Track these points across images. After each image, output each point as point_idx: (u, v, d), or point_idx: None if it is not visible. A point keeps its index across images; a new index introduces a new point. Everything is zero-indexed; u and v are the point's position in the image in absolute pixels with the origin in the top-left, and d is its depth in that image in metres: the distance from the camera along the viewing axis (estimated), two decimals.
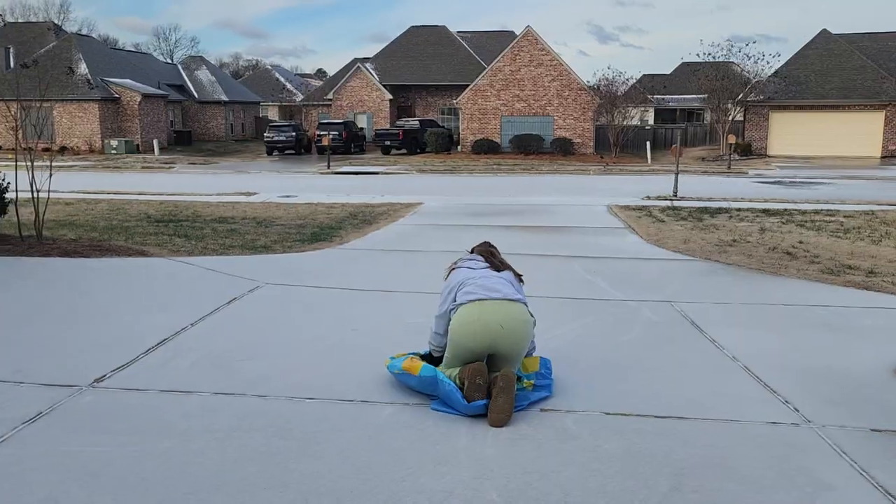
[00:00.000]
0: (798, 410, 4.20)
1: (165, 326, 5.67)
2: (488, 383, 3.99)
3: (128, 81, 41.75)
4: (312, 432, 3.82)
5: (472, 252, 4.63)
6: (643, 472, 3.43)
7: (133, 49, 68.52)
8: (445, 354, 4.34)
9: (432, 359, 4.52)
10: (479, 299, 4.16)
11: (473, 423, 3.95)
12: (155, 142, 39.03)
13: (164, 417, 3.98)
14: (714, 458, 3.58)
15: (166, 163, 32.66)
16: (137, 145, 39.97)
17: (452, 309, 4.26)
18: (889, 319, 6.19)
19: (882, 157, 35.05)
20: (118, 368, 4.73)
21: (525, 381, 4.26)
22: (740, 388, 4.58)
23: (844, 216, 13.51)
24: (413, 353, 4.63)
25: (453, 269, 4.49)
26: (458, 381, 4.11)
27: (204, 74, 53.40)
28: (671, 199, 16.65)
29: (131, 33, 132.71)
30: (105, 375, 4.60)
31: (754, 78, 38.48)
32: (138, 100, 40.41)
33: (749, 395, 4.46)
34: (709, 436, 3.85)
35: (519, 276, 4.51)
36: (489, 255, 4.51)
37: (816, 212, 14.21)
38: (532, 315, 4.32)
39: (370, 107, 45.37)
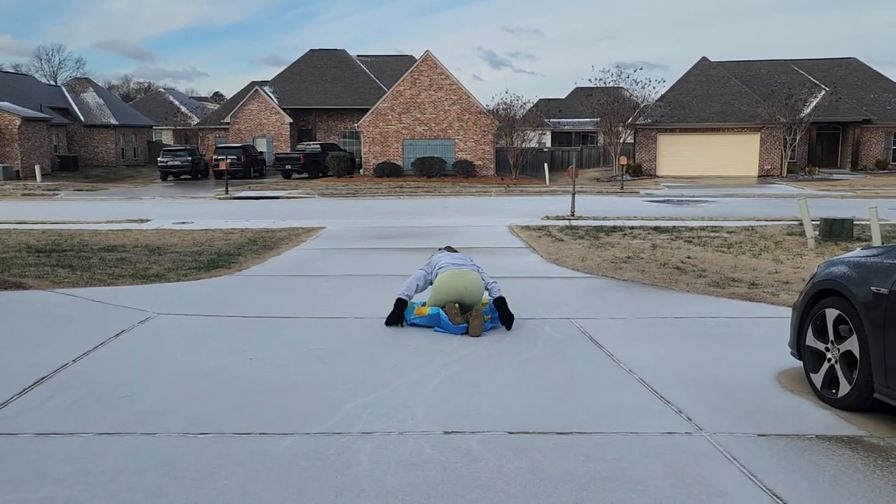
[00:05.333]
0: (691, 419, 4.36)
1: (44, 364, 5.28)
2: (461, 314, 6.43)
3: (6, 104, 39.22)
4: (208, 469, 3.63)
5: (441, 249, 7.50)
6: (546, 490, 3.45)
7: (12, 70, 64.55)
8: (430, 301, 6.65)
9: (404, 304, 6.69)
10: (453, 270, 6.70)
11: (376, 449, 3.87)
12: (37, 167, 36.76)
13: (40, 463, 3.68)
14: (614, 471, 3.65)
15: (50, 189, 30.81)
16: (17, 171, 37.51)
17: (435, 275, 6.77)
18: (771, 328, 6.56)
19: (759, 176, 37.50)
20: None
21: (486, 316, 6.55)
22: (637, 400, 4.71)
23: (727, 232, 14.31)
24: (417, 304, 6.76)
25: (434, 255, 7.21)
26: (444, 313, 6.40)
27: (91, 97, 50.82)
28: (569, 219, 17.17)
29: (8, 54, 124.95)
30: None
31: (642, 102, 40.46)
32: (18, 123, 37.99)
33: (645, 406, 4.60)
34: (609, 449, 3.92)
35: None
36: (451, 249, 7.43)
37: (702, 228, 14.99)
38: (484, 278, 6.79)
39: (270, 130, 44.55)
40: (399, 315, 6.62)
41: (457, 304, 6.42)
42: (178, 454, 3.80)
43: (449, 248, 7.45)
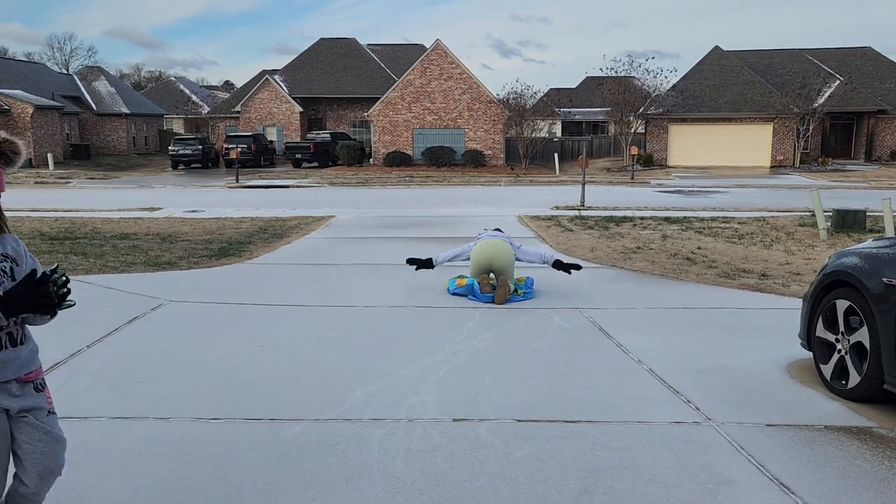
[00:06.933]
0: (699, 409, 4.37)
1: (58, 349, 5.35)
2: (493, 283, 7.26)
3: (19, 92, 39.45)
4: (219, 454, 3.68)
5: (486, 230, 8.37)
6: (554, 477, 3.47)
7: (24, 58, 64.80)
8: (470, 271, 7.64)
9: (432, 264, 7.97)
10: (485, 239, 7.70)
11: (386, 436, 3.91)
12: (49, 156, 36.99)
13: None
14: (622, 460, 3.67)
15: (62, 178, 31.00)
16: (30, 159, 37.75)
17: (473, 245, 7.77)
18: (780, 319, 6.54)
19: (771, 167, 37.22)
20: None
21: (518, 290, 7.41)
22: (645, 389, 4.73)
23: (738, 223, 14.24)
24: (458, 276, 7.76)
25: (480, 234, 8.14)
26: (477, 283, 7.31)
27: (103, 85, 50.97)
28: (579, 209, 17.12)
29: (19, 42, 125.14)
30: None
31: (654, 92, 40.16)
32: (30, 111, 38.22)
33: (654, 396, 4.61)
34: (617, 438, 3.94)
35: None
36: (495, 230, 8.28)
37: (713, 219, 14.93)
38: (513, 249, 7.70)
39: (280, 119, 44.59)
40: (422, 263, 7.99)
41: (490, 276, 7.39)
42: (191, 440, 3.85)
43: (497, 230, 8.45)
